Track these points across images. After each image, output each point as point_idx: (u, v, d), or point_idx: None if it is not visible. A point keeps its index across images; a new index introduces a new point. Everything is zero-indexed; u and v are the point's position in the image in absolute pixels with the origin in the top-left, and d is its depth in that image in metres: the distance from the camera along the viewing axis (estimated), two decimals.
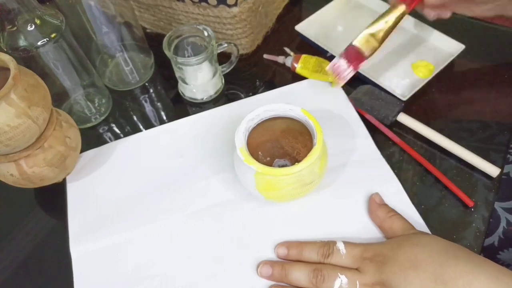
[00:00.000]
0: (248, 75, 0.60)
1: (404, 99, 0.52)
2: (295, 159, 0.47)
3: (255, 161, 0.40)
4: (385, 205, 0.44)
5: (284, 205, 0.46)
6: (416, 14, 0.60)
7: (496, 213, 0.44)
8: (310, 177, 0.42)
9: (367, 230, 0.43)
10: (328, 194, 0.46)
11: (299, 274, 0.40)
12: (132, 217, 0.47)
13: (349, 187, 0.47)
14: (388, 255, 0.38)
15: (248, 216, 0.46)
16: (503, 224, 0.44)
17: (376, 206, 0.43)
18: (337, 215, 0.45)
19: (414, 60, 0.57)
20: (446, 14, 0.52)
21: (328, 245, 0.41)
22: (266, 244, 0.44)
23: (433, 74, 0.54)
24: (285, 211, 0.46)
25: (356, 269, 0.39)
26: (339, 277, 0.38)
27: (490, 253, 0.49)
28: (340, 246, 0.40)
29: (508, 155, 0.54)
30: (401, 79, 0.55)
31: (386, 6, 0.62)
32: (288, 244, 0.43)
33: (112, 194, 0.49)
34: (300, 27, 0.61)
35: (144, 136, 0.54)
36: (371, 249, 0.39)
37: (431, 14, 0.51)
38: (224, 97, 0.58)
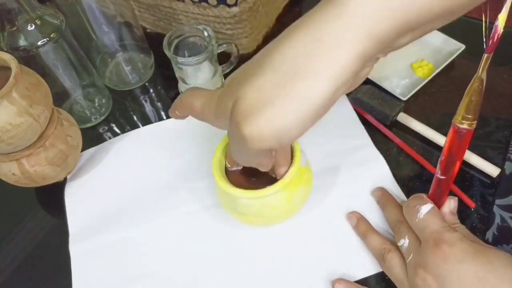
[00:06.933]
0: None
1: (404, 99, 0.52)
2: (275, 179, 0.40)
3: (220, 175, 0.39)
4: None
5: None
6: None
7: (491, 210, 0.44)
8: (274, 210, 0.39)
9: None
10: (325, 194, 0.46)
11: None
12: (130, 216, 0.47)
13: (347, 188, 0.47)
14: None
15: None
16: (497, 221, 0.44)
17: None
18: (333, 217, 0.45)
19: (414, 60, 0.57)
20: None
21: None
22: (260, 244, 0.44)
23: (433, 74, 0.54)
24: None
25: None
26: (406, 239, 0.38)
27: None
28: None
29: (508, 154, 0.54)
30: (401, 79, 0.55)
31: None
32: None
33: (111, 194, 0.49)
34: None
35: (143, 133, 0.54)
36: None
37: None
38: None
